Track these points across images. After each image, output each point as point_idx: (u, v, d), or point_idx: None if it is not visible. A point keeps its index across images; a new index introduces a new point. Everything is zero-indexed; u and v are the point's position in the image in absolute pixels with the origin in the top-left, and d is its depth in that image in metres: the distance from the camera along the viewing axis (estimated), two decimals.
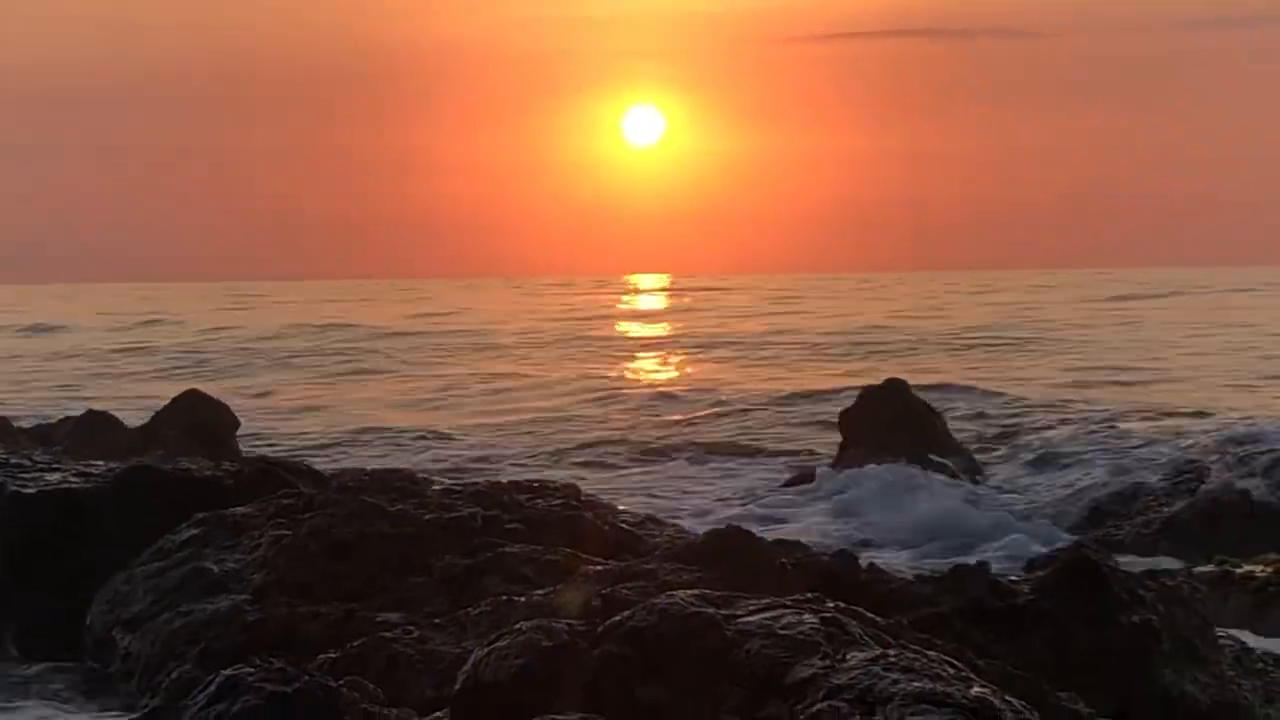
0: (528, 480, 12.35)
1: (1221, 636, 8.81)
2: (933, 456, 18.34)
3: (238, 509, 10.83)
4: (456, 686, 6.06)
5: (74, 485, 11.69)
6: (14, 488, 11.60)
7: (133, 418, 20.44)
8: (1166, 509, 15.64)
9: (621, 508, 12.26)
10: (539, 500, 10.78)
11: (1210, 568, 11.95)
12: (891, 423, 19.02)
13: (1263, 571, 11.67)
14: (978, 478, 18.91)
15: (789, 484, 18.62)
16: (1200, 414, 23.59)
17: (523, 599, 8.00)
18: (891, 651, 5.76)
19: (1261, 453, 16.13)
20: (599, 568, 8.71)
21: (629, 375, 36.66)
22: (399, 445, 24.15)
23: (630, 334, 54.15)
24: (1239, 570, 11.77)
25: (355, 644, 7.74)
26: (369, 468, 15.54)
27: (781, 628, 5.92)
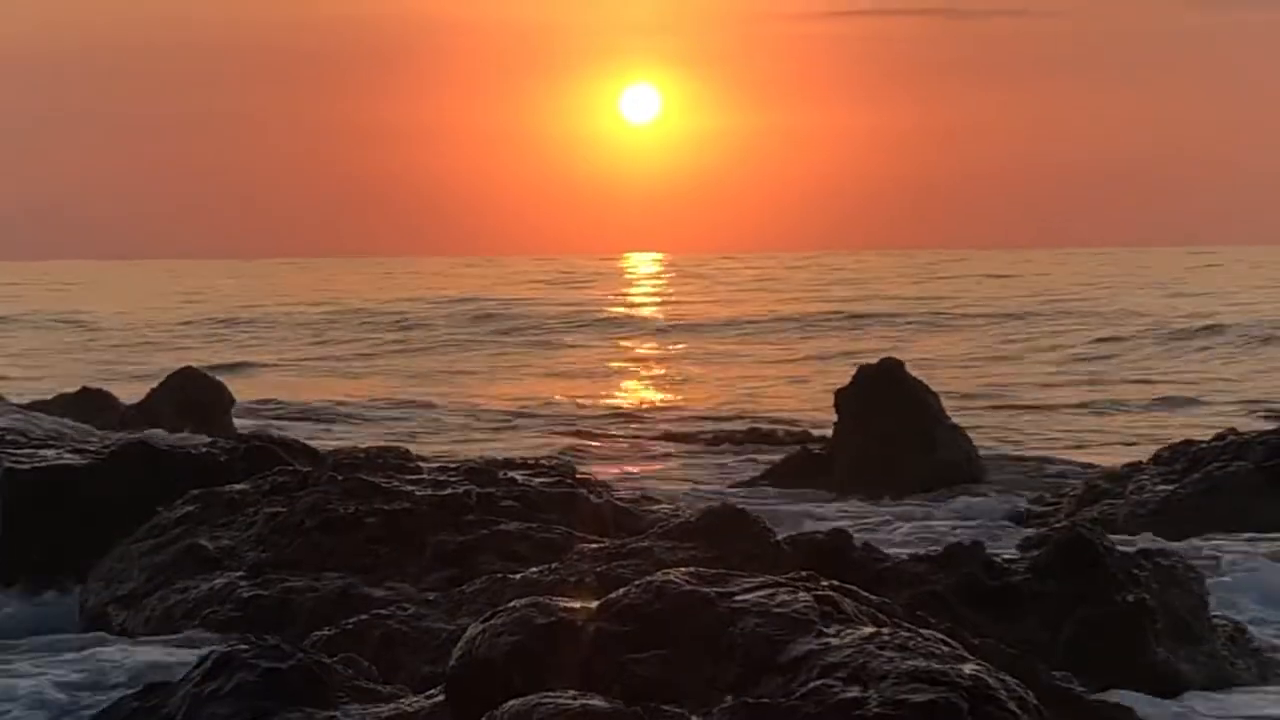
0: (522, 458, 12.34)
1: (1216, 616, 8.83)
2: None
3: (233, 486, 10.81)
4: (451, 663, 6.07)
5: (69, 461, 11.67)
6: (9, 464, 11.58)
7: (128, 395, 20.43)
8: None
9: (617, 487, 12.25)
10: (534, 477, 10.77)
11: None
12: (887, 404, 18.97)
13: None
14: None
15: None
16: None
17: (517, 576, 8.01)
18: (885, 630, 5.76)
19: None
20: (594, 545, 8.71)
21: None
22: None
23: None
24: None
25: (350, 621, 7.74)
26: (364, 445, 15.50)
27: (776, 606, 5.92)
